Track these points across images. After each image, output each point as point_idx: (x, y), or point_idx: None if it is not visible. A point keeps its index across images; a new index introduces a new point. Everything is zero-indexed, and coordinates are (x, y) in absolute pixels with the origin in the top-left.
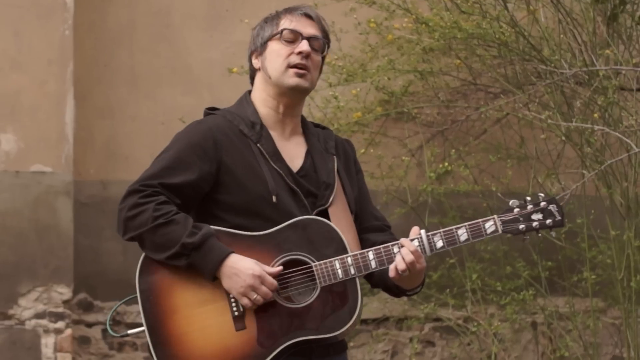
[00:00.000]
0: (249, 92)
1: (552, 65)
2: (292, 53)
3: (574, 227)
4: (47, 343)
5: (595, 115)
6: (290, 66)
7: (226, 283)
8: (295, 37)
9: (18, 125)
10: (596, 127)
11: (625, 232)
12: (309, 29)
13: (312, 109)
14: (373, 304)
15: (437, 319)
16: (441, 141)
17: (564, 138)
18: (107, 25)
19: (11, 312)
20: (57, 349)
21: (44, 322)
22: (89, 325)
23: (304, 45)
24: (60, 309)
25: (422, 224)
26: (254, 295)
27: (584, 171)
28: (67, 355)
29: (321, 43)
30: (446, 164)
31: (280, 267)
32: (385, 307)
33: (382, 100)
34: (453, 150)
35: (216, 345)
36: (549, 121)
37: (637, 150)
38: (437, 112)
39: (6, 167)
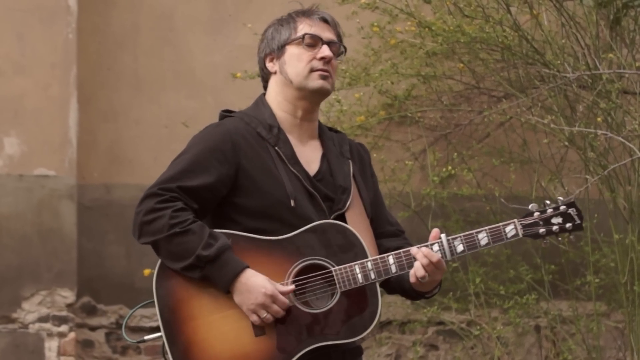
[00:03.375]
0: (264, 94)
1: (555, 69)
2: (313, 58)
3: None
4: (51, 347)
5: (599, 118)
6: (313, 70)
7: (238, 299)
8: (315, 42)
9: (21, 128)
10: (599, 132)
11: (629, 236)
12: (327, 33)
13: None
14: None
15: (441, 323)
16: (444, 145)
17: (567, 143)
18: (110, 29)
19: (15, 315)
20: (61, 352)
21: (47, 325)
22: (93, 328)
23: (325, 51)
24: (64, 313)
25: (425, 227)
26: (264, 314)
27: (587, 176)
28: (70, 359)
29: (338, 47)
30: (449, 167)
31: (293, 287)
32: (388, 310)
33: (385, 104)
34: (456, 154)
35: (235, 352)
36: (552, 126)
37: None
38: (440, 116)
39: (10, 171)
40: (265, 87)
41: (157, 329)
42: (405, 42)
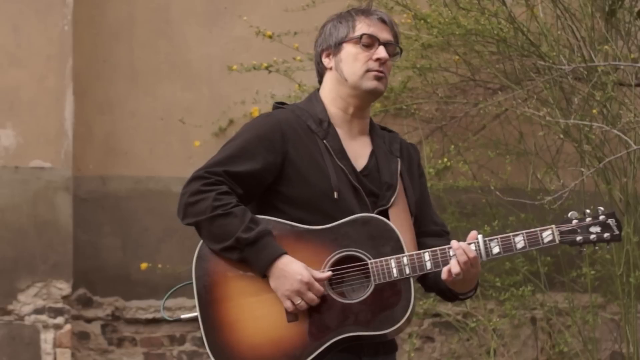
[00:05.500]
0: (318, 90)
1: (551, 61)
2: (370, 59)
3: None
4: (47, 338)
5: (594, 110)
6: (368, 70)
7: (273, 283)
8: (372, 42)
9: (17, 120)
10: (595, 125)
11: (624, 228)
12: (385, 34)
13: None
14: None
15: (436, 315)
16: (440, 137)
17: (562, 135)
18: (106, 20)
19: (10, 307)
20: (57, 344)
21: (43, 317)
22: (88, 320)
23: (382, 52)
24: (60, 305)
25: None
26: (299, 300)
27: (583, 169)
28: (66, 351)
29: (394, 48)
30: (445, 159)
31: (329, 273)
32: None
33: (381, 97)
34: (452, 146)
35: (267, 335)
36: (548, 118)
37: (635, 148)
38: (435, 108)
39: (5, 163)
40: (320, 82)
41: (152, 322)
42: (401, 35)
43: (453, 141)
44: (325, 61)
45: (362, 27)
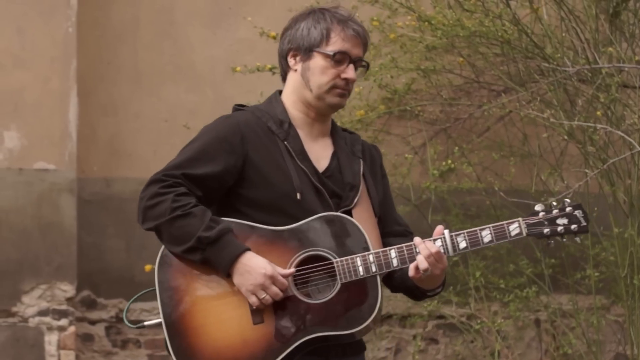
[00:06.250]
0: (280, 91)
1: (555, 62)
2: (338, 76)
3: None
4: (51, 340)
5: (598, 112)
6: (334, 87)
7: (237, 280)
8: (344, 58)
9: (21, 122)
10: (599, 126)
11: (628, 230)
12: (356, 49)
13: None
14: None
15: (441, 317)
16: (444, 139)
17: (566, 137)
18: (110, 22)
19: (14, 309)
20: (61, 346)
21: (47, 319)
22: (93, 322)
23: (350, 72)
24: (64, 307)
25: (426, 221)
26: (263, 295)
27: (587, 170)
28: (70, 353)
29: (363, 63)
30: (449, 161)
31: (293, 270)
32: (388, 304)
33: (385, 98)
34: (456, 148)
35: (233, 338)
36: (552, 120)
37: (639, 149)
38: (440, 110)
39: (9, 165)
40: (283, 78)
41: (157, 324)
42: (405, 37)
43: (457, 143)
44: (291, 61)
45: (337, 41)
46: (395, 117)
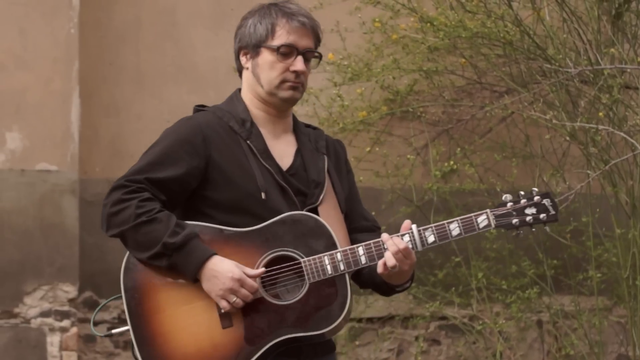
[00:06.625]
0: (239, 89)
1: (557, 64)
2: (286, 69)
3: (579, 225)
4: (53, 341)
5: (600, 113)
6: (284, 81)
7: (206, 285)
8: (291, 51)
9: (23, 123)
10: (601, 127)
11: (631, 231)
12: (304, 41)
13: (318, 109)
14: (379, 303)
15: (443, 318)
16: (446, 140)
17: (568, 138)
18: (112, 23)
19: (17, 310)
20: (63, 347)
21: (49, 320)
22: (95, 323)
23: (299, 64)
24: (66, 308)
25: (428, 222)
26: (233, 298)
27: (589, 171)
28: (72, 354)
29: (314, 53)
30: (451, 162)
31: (262, 270)
32: (390, 305)
33: (387, 99)
34: (458, 149)
35: (202, 343)
36: (554, 121)
37: None
38: (442, 111)
39: (12, 166)
40: (240, 76)
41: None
42: (407, 38)
43: (459, 144)
44: (243, 60)
45: (282, 34)
46: (398, 118)
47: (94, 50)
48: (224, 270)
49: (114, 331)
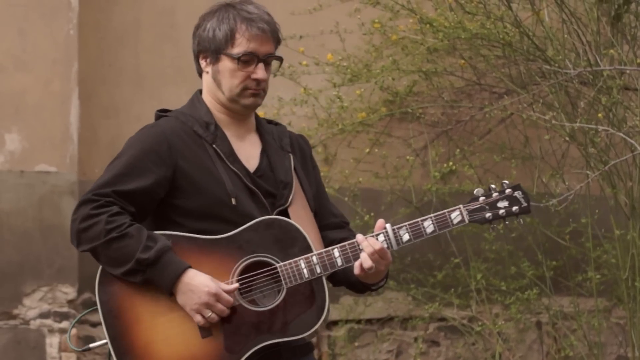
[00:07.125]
0: (200, 91)
1: (556, 65)
2: (248, 77)
3: (578, 226)
4: (52, 343)
5: (600, 115)
6: (246, 89)
7: (181, 299)
8: (251, 59)
9: (23, 124)
10: (600, 128)
11: (630, 232)
12: (264, 47)
13: (317, 109)
14: (377, 304)
15: (442, 319)
16: (445, 141)
17: (567, 139)
18: (112, 24)
19: (16, 311)
20: (62, 348)
21: (48, 321)
22: (94, 325)
23: (260, 73)
24: (65, 309)
25: None
26: (209, 313)
27: (588, 172)
28: (71, 355)
29: (274, 56)
30: (450, 163)
31: (237, 285)
32: (389, 307)
33: (387, 101)
34: (457, 150)
35: (182, 354)
36: (553, 122)
37: None
38: (441, 112)
39: (11, 167)
40: (200, 76)
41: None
42: (407, 39)
43: (458, 145)
44: (202, 63)
45: (242, 42)
46: (397, 119)
47: (93, 52)
48: (200, 285)
49: (91, 345)
